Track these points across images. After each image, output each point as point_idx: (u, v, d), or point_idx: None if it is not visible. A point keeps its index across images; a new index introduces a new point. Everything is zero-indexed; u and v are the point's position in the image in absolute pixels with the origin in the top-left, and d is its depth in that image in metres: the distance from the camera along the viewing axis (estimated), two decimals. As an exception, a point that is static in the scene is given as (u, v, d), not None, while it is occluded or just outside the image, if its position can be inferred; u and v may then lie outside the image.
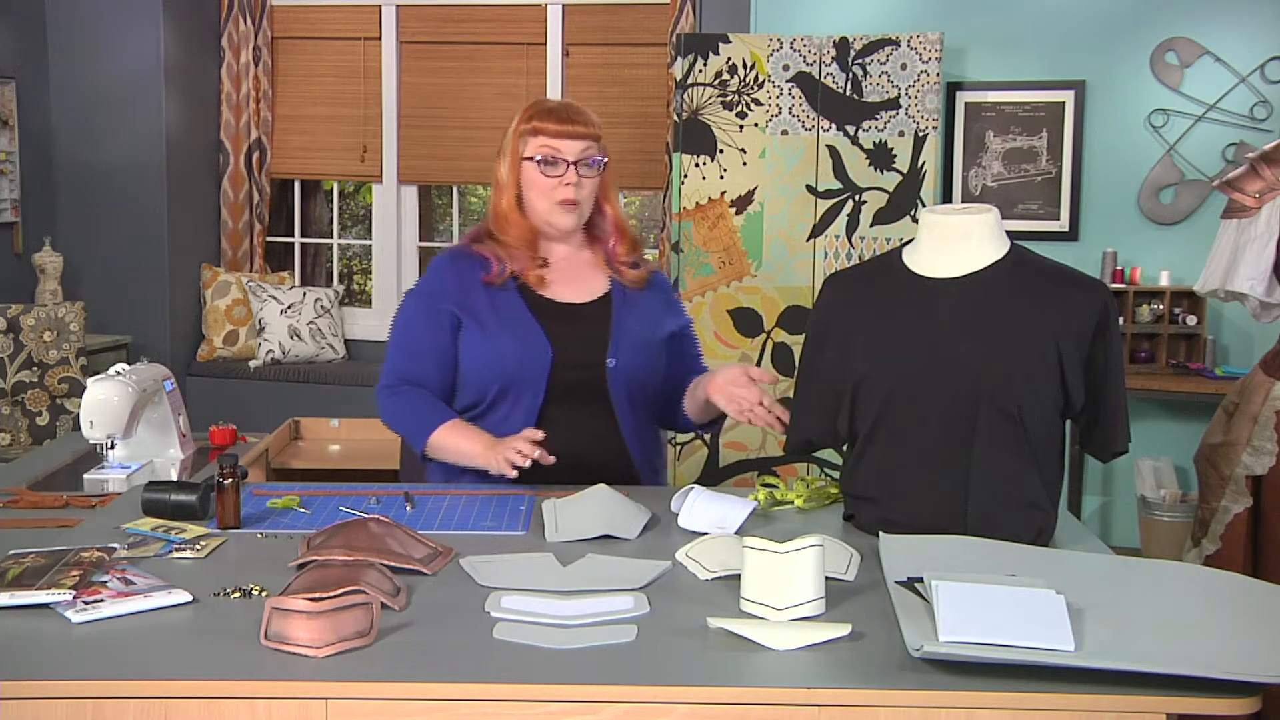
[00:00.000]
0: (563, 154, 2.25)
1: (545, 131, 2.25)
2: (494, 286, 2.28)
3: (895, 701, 1.38)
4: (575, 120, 2.26)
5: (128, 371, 2.44)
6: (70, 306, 4.44)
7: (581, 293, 2.33)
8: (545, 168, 2.26)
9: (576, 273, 2.34)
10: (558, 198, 2.26)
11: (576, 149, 2.25)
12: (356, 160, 5.59)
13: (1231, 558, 2.67)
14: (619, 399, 2.27)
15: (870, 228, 4.38)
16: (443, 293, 2.30)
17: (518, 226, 2.30)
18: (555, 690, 1.38)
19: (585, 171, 2.27)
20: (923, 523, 1.88)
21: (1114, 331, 1.91)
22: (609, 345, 2.27)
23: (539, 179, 2.27)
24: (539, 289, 2.30)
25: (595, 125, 2.28)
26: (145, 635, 1.51)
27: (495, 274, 2.28)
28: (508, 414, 2.27)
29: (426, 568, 1.75)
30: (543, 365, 2.23)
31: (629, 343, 2.28)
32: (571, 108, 2.30)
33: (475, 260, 2.31)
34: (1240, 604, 1.60)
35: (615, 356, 2.26)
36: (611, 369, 2.26)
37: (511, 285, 2.29)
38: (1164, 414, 4.68)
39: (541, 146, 2.26)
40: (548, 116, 2.27)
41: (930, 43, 4.31)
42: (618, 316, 2.30)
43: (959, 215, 1.95)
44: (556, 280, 2.32)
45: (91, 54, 5.30)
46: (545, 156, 2.25)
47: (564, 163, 2.25)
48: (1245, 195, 2.70)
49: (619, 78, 5.27)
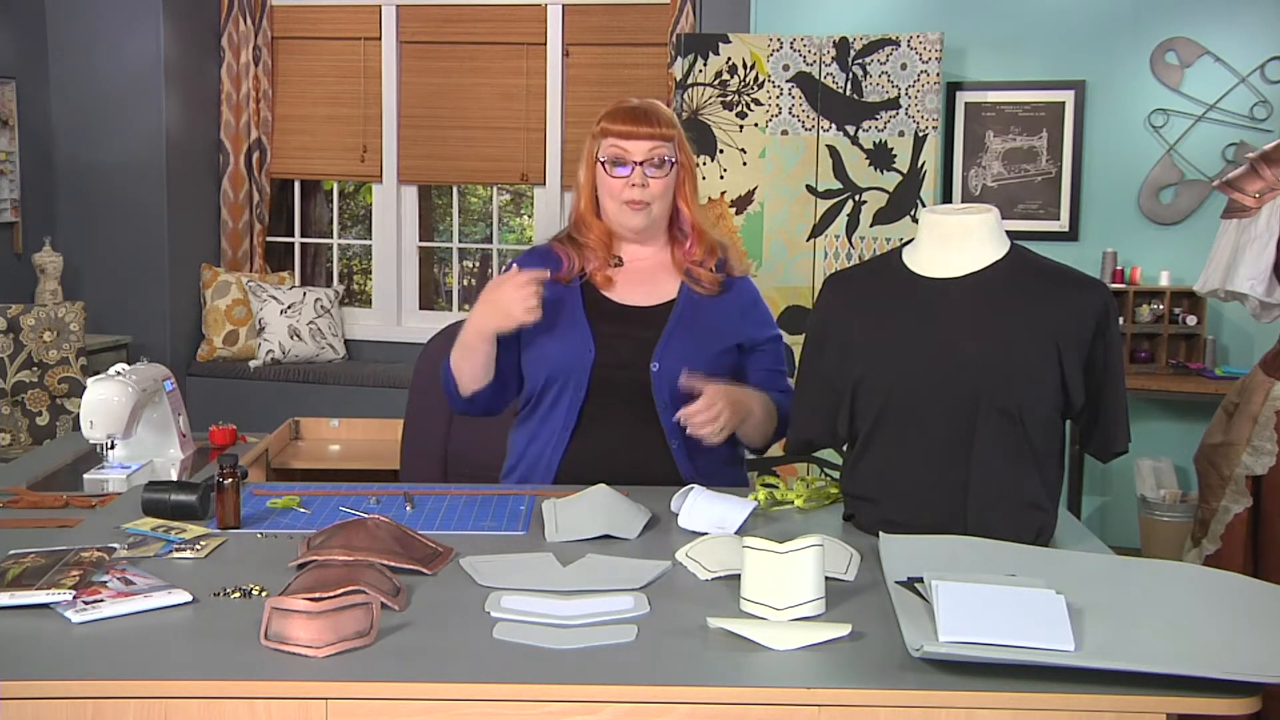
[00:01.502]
0: (630, 155, 2.25)
1: (613, 133, 2.26)
2: (560, 284, 2.29)
3: (895, 701, 1.38)
4: (643, 120, 2.25)
5: (128, 371, 2.44)
6: (70, 306, 4.44)
7: (647, 296, 2.32)
8: (613, 169, 2.26)
9: (649, 275, 2.34)
10: (625, 198, 2.26)
11: (644, 149, 2.25)
12: (356, 160, 5.59)
13: (1231, 558, 2.67)
14: (663, 404, 2.25)
15: (870, 228, 4.38)
16: None
17: (593, 229, 2.32)
18: (555, 690, 1.38)
19: (653, 172, 2.26)
20: (923, 523, 1.88)
21: (1114, 331, 1.91)
22: (655, 350, 2.26)
23: (608, 180, 2.27)
24: (604, 289, 2.31)
25: (666, 124, 2.27)
26: (145, 635, 1.51)
27: (564, 272, 2.30)
28: (551, 410, 2.28)
29: (426, 568, 1.75)
30: (584, 364, 2.24)
31: (680, 349, 2.25)
32: (642, 108, 2.28)
33: (550, 258, 2.33)
34: (1240, 604, 1.60)
35: (660, 361, 2.25)
36: (655, 373, 2.25)
37: (576, 284, 2.31)
38: (1164, 414, 4.68)
39: (610, 148, 2.26)
40: (616, 118, 2.27)
41: (930, 43, 4.31)
42: (675, 322, 2.29)
43: (959, 215, 1.95)
44: (626, 283, 2.32)
45: (91, 54, 5.31)
46: (613, 158, 2.26)
47: (631, 164, 2.25)
48: (1245, 195, 2.70)
49: (619, 78, 5.27)
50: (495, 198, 6.29)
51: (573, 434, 2.26)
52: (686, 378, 2.17)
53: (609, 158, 2.26)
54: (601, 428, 2.25)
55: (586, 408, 2.25)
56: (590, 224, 2.32)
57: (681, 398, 2.20)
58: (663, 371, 2.24)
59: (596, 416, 2.26)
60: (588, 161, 2.32)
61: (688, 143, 2.34)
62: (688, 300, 2.31)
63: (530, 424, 2.32)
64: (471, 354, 2.24)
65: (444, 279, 6.89)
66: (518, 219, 7.67)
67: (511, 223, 7.70)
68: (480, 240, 7.48)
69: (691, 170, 2.35)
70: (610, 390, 2.25)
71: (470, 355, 2.24)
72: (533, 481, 2.29)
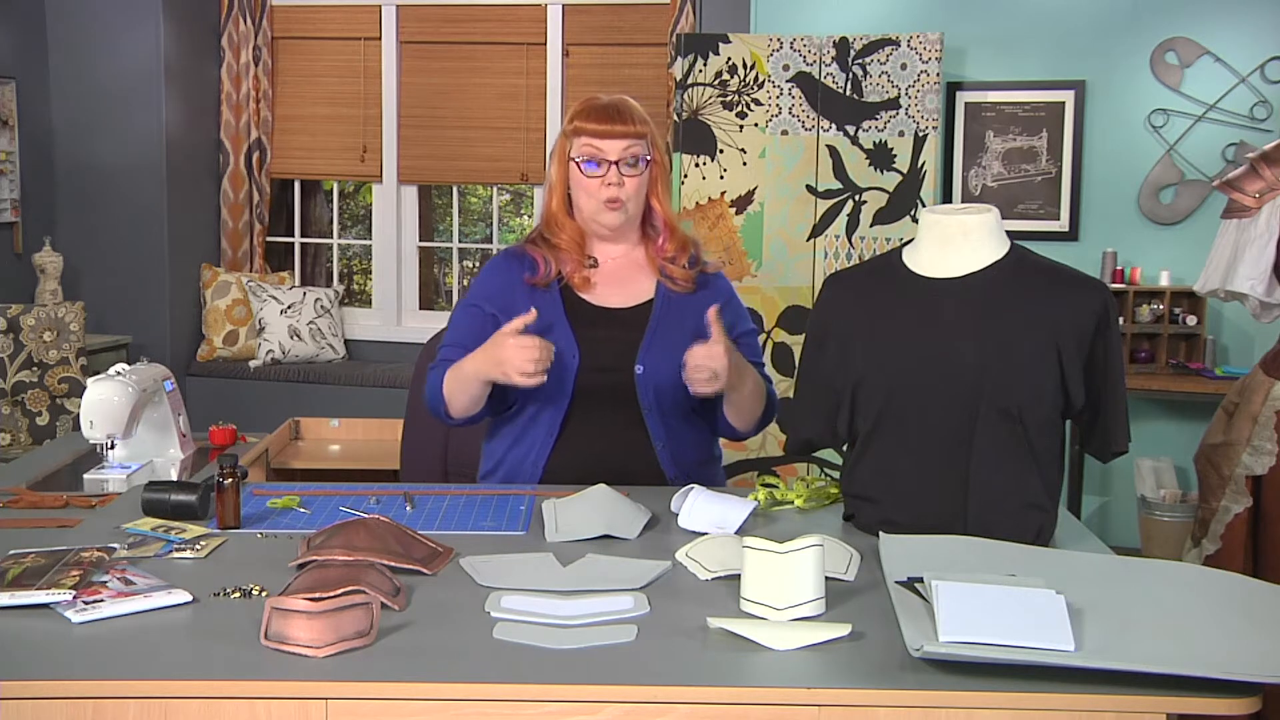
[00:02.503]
0: (605, 154, 2.24)
1: (587, 131, 2.25)
2: (538, 288, 2.28)
3: (895, 701, 1.38)
4: (617, 119, 2.25)
5: (128, 371, 2.44)
6: (70, 306, 4.44)
7: (625, 297, 2.31)
8: (588, 168, 2.25)
9: (625, 275, 2.33)
10: (602, 197, 2.25)
11: (619, 148, 2.24)
12: (356, 160, 5.59)
13: (1231, 558, 2.67)
14: (648, 406, 2.24)
15: (870, 228, 4.38)
16: (485, 296, 2.31)
17: (566, 229, 2.30)
18: (555, 690, 1.38)
19: (629, 170, 2.25)
20: (923, 523, 1.88)
21: (1114, 331, 1.91)
22: (639, 352, 2.25)
23: (583, 180, 2.26)
24: (583, 292, 2.29)
25: (639, 122, 2.26)
26: (145, 635, 1.51)
27: (541, 276, 2.29)
28: (536, 414, 2.27)
29: (426, 568, 1.75)
30: (569, 368, 2.22)
31: (662, 350, 2.24)
32: (615, 105, 2.28)
33: (525, 261, 2.32)
34: (1240, 604, 1.60)
35: (644, 363, 2.24)
36: (639, 376, 2.24)
37: (555, 287, 2.29)
38: (1164, 414, 4.68)
39: (584, 146, 2.25)
40: (590, 116, 2.26)
41: (930, 43, 4.31)
42: (655, 323, 2.28)
43: (959, 215, 1.95)
44: (602, 284, 2.31)
45: (91, 54, 5.31)
46: (588, 157, 2.25)
47: (607, 163, 2.24)
48: (1245, 195, 2.69)
49: (619, 78, 5.27)
50: (495, 198, 6.29)
51: (556, 439, 2.25)
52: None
53: (583, 156, 2.25)
54: (586, 431, 2.24)
55: (571, 412, 2.24)
56: (563, 223, 2.31)
57: (667, 399, 2.22)
58: (647, 374, 2.23)
59: (581, 420, 2.25)
60: (559, 160, 2.30)
61: (659, 139, 2.34)
62: (665, 299, 2.30)
63: (511, 429, 2.31)
64: (467, 388, 2.20)
65: (444, 279, 6.90)
66: (518, 219, 7.67)
67: (511, 223, 7.70)
68: (480, 240, 7.48)
69: (664, 167, 2.34)
70: (594, 394, 2.24)
71: (466, 389, 2.21)
72: (520, 477, 2.29)
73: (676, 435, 2.28)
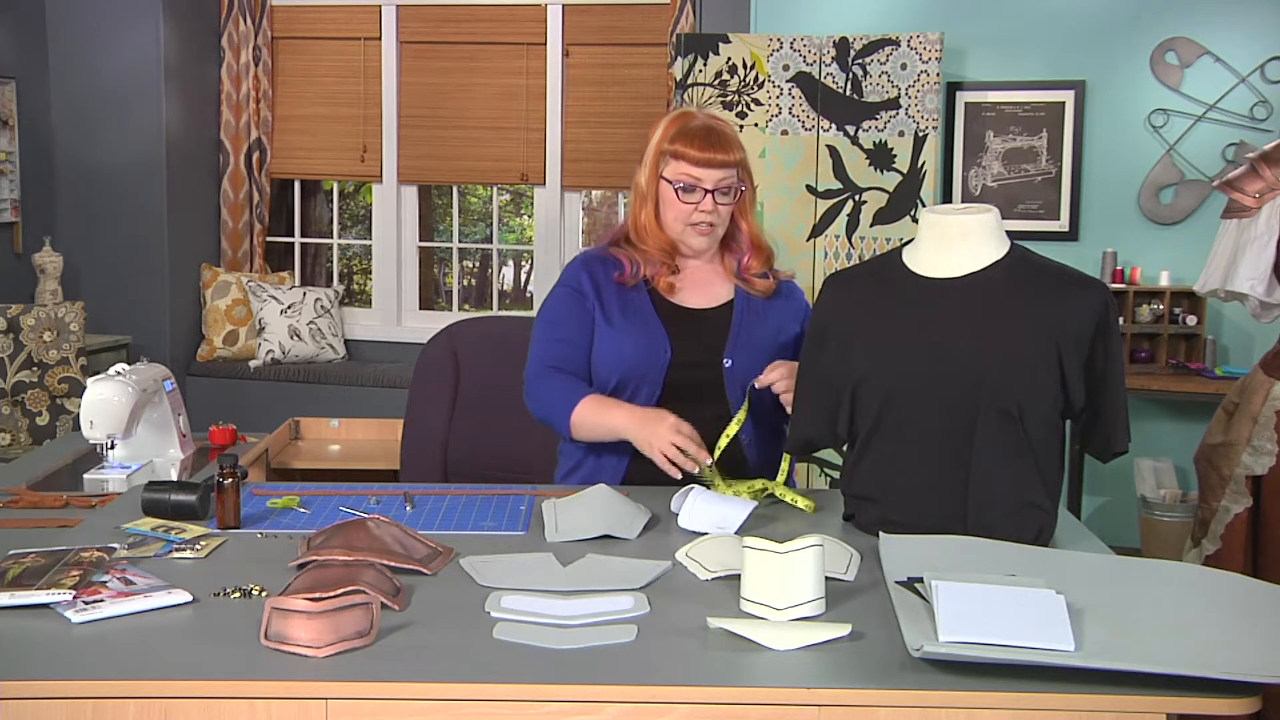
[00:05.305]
0: (701, 182, 2.26)
1: (686, 158, 2.26)
2: (626, 287, 2.33)
3: (895, 701, 1.38)
4: (718, 147, 2.26)
5: (128, 371, 2.44)
6: (70, 306, 4.44)
7: (707, 298, 2.36)
8: (683, 194, 2.27)
9: (704, 279, 2.37)
10: (693, 221, 2.29)
11: (716, 177, 2.26)
12: (356, 160, 5.59)
13: (1231, 558, 2.67)
14: (734, 399, 2.28)
15: (870, 228, 4.38)
16: (582, 289, 2.34)
17: (655, 238, 2.33)
18: (555, 690, 1.38)
19: (723, 199, 2.29)
20: (923, 523, 1.88)
21: (1114, 331, 1.91)
22: (726, 347, 2.30)
23: (675, 202, 2.29)
24: (667, 295, 2.33)
25: (737, 149, 2.28)
26: (145, 635, 1.51)
27: (628, 275, 2.32)
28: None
29: (426, 568, 1.75)
30: (661, 363, 2.27)
31: (747, 346, 2.31)
32: (715, 132, 2.28)
33: (610, 263, 2.35)
34: (1240, 604, 1.60)
35: (732, 358, 2.29)
36: (728, 370, 2.29)
37: (643, 288, 2.33)
38: (1164, 414, 4.68)
39: (682, 174, 2.27)
40: (691, 142, 2.26)
41: (930, 43, 4.31)
42: (738, 321, 2.33)
43: (959, 215, 1.95)
44: (685, 287, 2.35)
45: (91, 54, 5.31)
46: (684, 184, 2.27)
47: (702, 190, 2.27)
48: (1245, 195, 2.69)
49: (619, 78, 5.28)
50: (495, 198, 6.29)
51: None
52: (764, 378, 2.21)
53: (680, 183, 2.27)
54: None
55: (662, 404, 2.26)
56: (652, 233, 2.34)
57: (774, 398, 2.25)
58: (735, 367, 2.29)
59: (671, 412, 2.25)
60: (652, 173, 2.32)
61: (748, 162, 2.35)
62: (745, 301, 2.36)
63: None
64: (599, 430, 2.24)
65: (444, 279, 6.90)
66: (518, 219, 7.67)
67: (511, 223, 7.70)
68: (480, 240, 7.48)
69: (753, 189, 2.37)
70: (683, 388, 2.28)
71: (598, 431, 2.24)
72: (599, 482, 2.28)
73: (763, 428, 2.32)
